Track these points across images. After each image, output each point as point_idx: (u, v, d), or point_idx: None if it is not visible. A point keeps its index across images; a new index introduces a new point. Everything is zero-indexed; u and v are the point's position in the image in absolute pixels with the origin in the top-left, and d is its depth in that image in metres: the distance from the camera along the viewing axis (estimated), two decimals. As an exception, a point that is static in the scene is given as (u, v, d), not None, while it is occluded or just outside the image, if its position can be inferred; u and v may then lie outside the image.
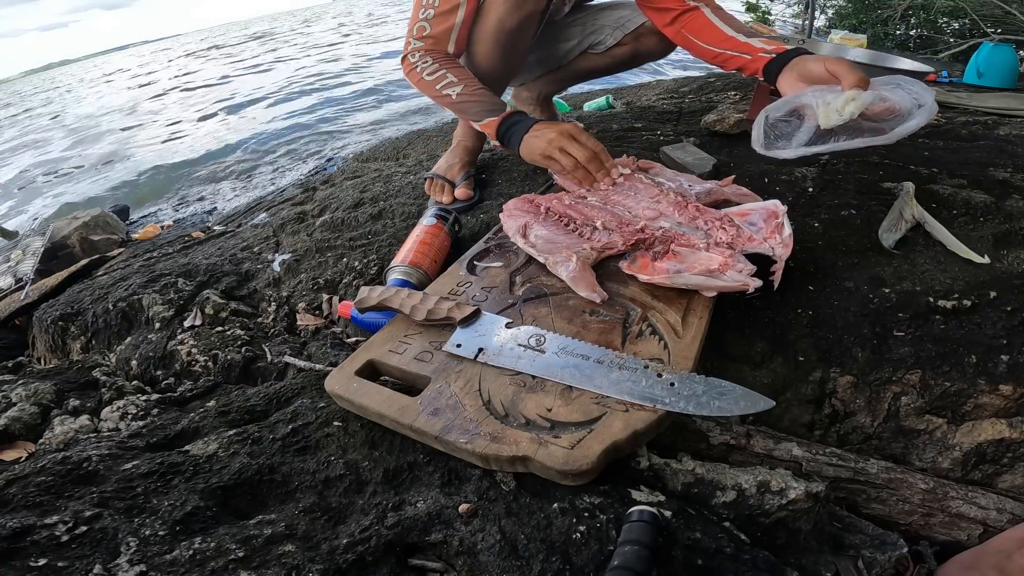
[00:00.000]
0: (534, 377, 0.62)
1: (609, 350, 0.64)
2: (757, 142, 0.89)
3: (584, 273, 0.77)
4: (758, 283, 0.72)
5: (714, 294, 0.74)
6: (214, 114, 5.99)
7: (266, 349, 0.95)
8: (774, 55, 0.99)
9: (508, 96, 1.68)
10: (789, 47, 0.99)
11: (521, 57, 1.21)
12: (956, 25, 3.50)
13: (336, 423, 0.64)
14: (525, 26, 1.10)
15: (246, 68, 10.06)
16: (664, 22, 1.17)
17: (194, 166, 3.97)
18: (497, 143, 1.07)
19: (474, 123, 1.07)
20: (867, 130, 0.84)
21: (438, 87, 1.05)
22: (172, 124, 5.87)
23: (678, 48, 1.27)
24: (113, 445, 0.64)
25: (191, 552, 0.48)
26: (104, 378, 0.92)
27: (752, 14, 4.55)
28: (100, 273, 1.38)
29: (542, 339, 0.67)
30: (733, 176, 1.06)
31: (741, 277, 0.73)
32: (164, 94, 8.75)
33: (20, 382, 0.88)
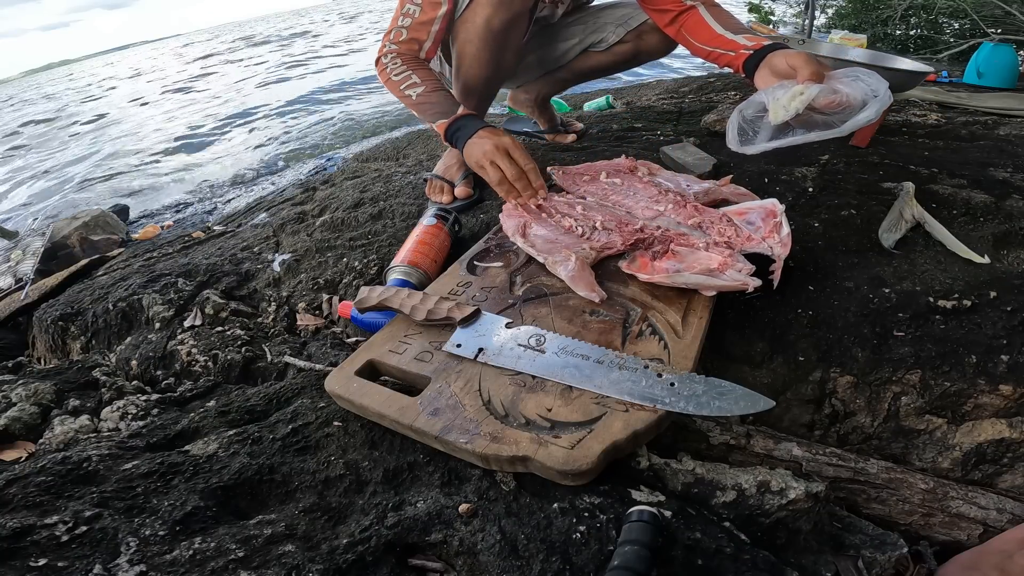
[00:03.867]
0: (534, 377, 0.62)
1: (609, 350, 0.64)
2: (732, 141, 0.90)
3: (583, 272, 0.77)
4: (757, 282, 0.72)
5: (713, 293, 0.74)
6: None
7: (266, 349, 0.95)
8: (752, 51, 1.00)
9: (506, 97, 1.68)
10: (767, 43, 1.00)
11: (513, 58, 1.21)
12: (956, 25, 3.49)
13: (336, 423, 0.64)
14: (513, 26, 1.10)
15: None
16: (664, 22, 1.17)
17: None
18: (447, 144, 1.09)
19: (431, 124, 1.09)
20: (820, 123, 0.85)
21: (402, 87, 1.08)
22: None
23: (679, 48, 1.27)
24: (113, 445, 0.64)
25: (191, 552, 0.48)
26: (104, 378, 0.92)
27: (755, 14, 4.55)
28: (100, 273, 1.38)
29: (542, 339, 0.67)
30: (731, 176, 1.06)
31: (740, 276, 0.73)
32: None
33: (20, 382, 0.88)
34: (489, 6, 1.05)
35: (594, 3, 1.42)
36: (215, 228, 1.59)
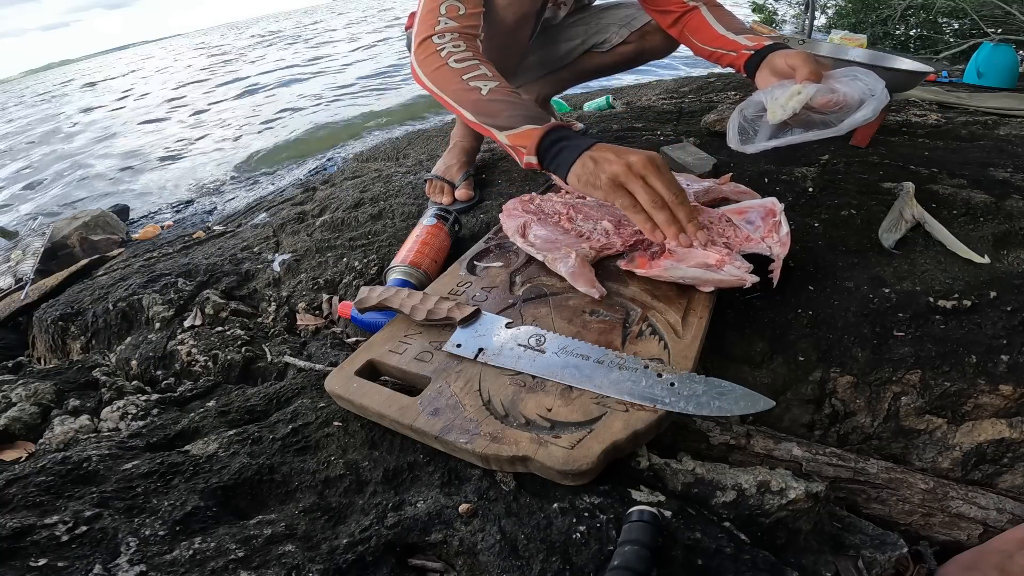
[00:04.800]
0: (534, 377, 0.62)
1: (609, 350, 0.64)
2: (732, 140, 0.91)
3: (583, 269, 0.77)
4: (755, 278, 0.72)
5: (711, 289, 0.74)
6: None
7: (266, 349, 0.95)
8: (753, 51, 1.00)
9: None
10: (768, 43, 1.00)
11: (516, 58, 1.21)
12: (956, 25, 3.50)
13: (336, 423, 0.64)
14: (521, 26, 1.10)
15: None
16: (667, 23, 1.18)
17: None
18: (531, 158, 0.82)
19: (501, 131, 0.83)
20: (818, 123, 0.86)
21: (466, 77, 0.85)
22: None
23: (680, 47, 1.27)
24: (113, 445, 0.64)
25: (191, 552, 0.48)
26: (104, 378, 0.92)
27: (758, 15, 4.55)
28: (100, 273, 1.38)
29: (542, 339, 0.67)
30: (731, 174, 1.06)
31: (738, 272, 0.72)
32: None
33: (20, 382, 0.88)
34: (498, 7, 1.05)
35: (596, 3, 1.42)
36: (215, 228, 1.59)
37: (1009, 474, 0.70)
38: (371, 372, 0.67)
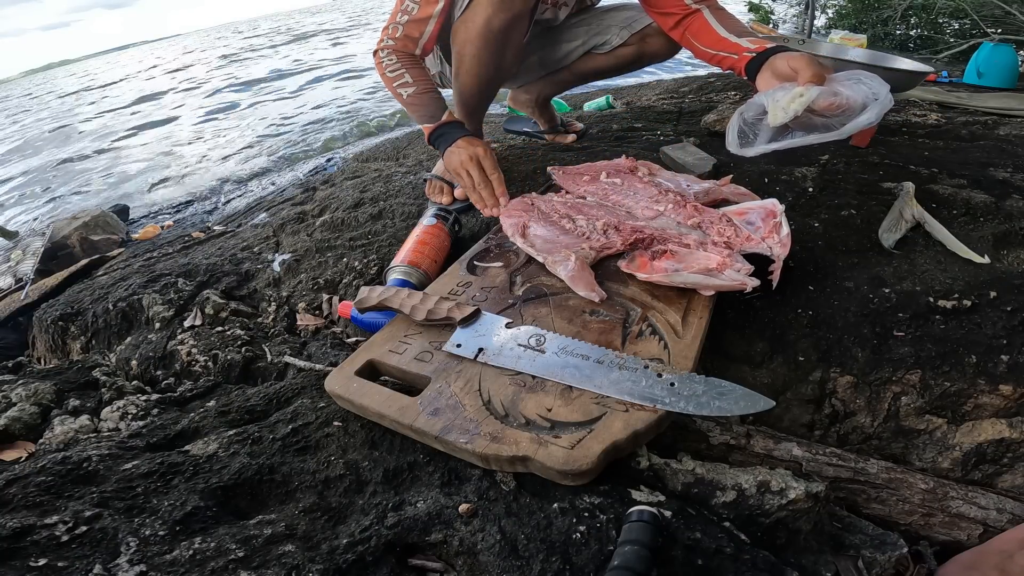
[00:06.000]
0: (534, 377, 0.62)
1: (609, 350, 0.64)
2: (732, 143, 0.90)
3: (583, 272, 0.77)
4: (755, 282, 0.72)
5: (712, 292, 0.74)
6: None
7: (266, 349, 0.95)
8: (755, 54, 1.00)
9: (506, 97, 1.68)
10: (770, 46, 1.00)
11: (514, 59, 1.21)
12: (956, 25, 3.49)
13: (336, 423, 0.64)
14: (513, 27, 1.10)
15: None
16: (669, 25, 1.17)
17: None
18: (431, 146, 1.16)
19: (418, 124, 1.16)
20: (820, 126, 0.85)
21: (395, 84, 1.12)
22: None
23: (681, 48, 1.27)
24: (113, 445, 0.64)
25: (191, 552, 0.48)
26: (104, 378, 0.92)
27: (754, 14, 4.55)
28: (100, 273, 1.38)
29: (542, 339, 0.67)
30: (731, 176, 1.06)
31: (739, 276, 0.73)
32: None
33: (20, 382, 0.88)
34: (489, 6, 1.05)
35: (598, 5, 1.42)
36: (215, 228, 1.59)
37: (1009, 474, 0.70)
38: (371, 372, 0.67)
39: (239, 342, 0.96)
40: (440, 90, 1.19)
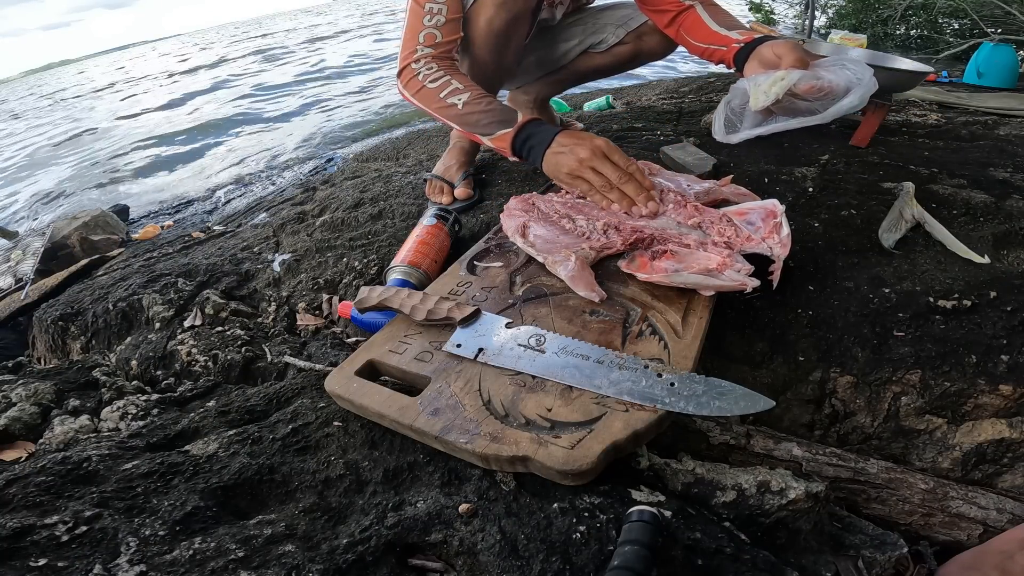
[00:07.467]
0: (534, 377, 0.62)
1: (609, 350, 0.64)
2: (718, 131, 0.91)
3: (583, 272, 0.77)
4: (756, 283, 0.72)
5: (712, 293, 0.74)
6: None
7: (266, 349, 0.95)
8: (742, 44, 1.00)
9: (505, 99, 1.68)
10: (758, 36, 1.00)
11: (514, 59, 1.21)
12: (956, 25, 3.50)
13: (336, 423, 0.64)
14: (515, 26, 1.10)
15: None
16: (663, 23, 1.17)
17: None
18: (514, 158, 0.95)
19: (483, 138, 0.96)
20: (804, 110, 0.85)
21: (443, 95, 0.97)
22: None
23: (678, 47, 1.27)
24: (113, 445, 0.64)
25: (191, 552, 0.48)
26: (104, 378, 0.92)
27: (756, 14, 4.55)
28: (100, 273, 1.38)
29: (542, 339, 0.67)
30: (731, 176, 1.06)
31: (739, 276, 0.73)
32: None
33: (20, 382, 0.88)
34: (491, 7, 1.05)
35: (594, 4, 1.42)
36: (215, 228, 1.59)
37: (1009, 474, 0.70)
38: (371, 372, 0.67)
39: (239, 342, 0.96)
40: None
